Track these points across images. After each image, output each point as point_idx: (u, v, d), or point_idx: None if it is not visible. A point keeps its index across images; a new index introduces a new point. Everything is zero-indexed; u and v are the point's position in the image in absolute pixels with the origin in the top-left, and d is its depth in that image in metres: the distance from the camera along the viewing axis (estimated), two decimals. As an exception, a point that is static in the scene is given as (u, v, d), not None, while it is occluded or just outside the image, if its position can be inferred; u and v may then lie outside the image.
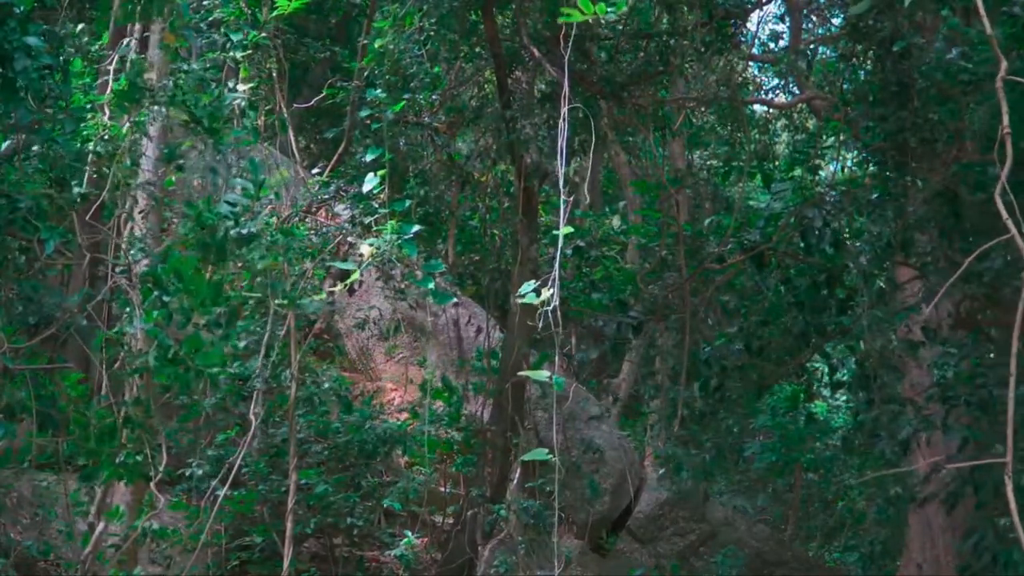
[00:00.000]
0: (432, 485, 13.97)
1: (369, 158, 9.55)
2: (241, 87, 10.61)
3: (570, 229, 4.83)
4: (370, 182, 8.18)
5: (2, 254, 7.69)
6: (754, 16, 27.75)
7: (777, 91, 18.57)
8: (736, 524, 15.72)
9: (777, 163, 17.70)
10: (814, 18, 14.83)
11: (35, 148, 7.95)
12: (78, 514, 10.04)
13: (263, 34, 11.27)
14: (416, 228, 8.14)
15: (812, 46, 14.76)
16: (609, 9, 4.80)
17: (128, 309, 8.35)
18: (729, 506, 16.34)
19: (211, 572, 11.65)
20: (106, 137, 8.73)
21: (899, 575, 13.52)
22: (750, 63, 18.53)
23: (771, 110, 19.29)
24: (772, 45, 17.97)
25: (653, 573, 14.57)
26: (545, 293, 4.57)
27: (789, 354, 10.73)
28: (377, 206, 9.43)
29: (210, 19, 10.75)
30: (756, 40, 18.20)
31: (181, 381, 7.39)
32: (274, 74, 12.76)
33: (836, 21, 14.46)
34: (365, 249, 7.77)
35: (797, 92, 16.12)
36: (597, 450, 14.43)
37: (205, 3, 11.06)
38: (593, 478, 14.14)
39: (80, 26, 9.22)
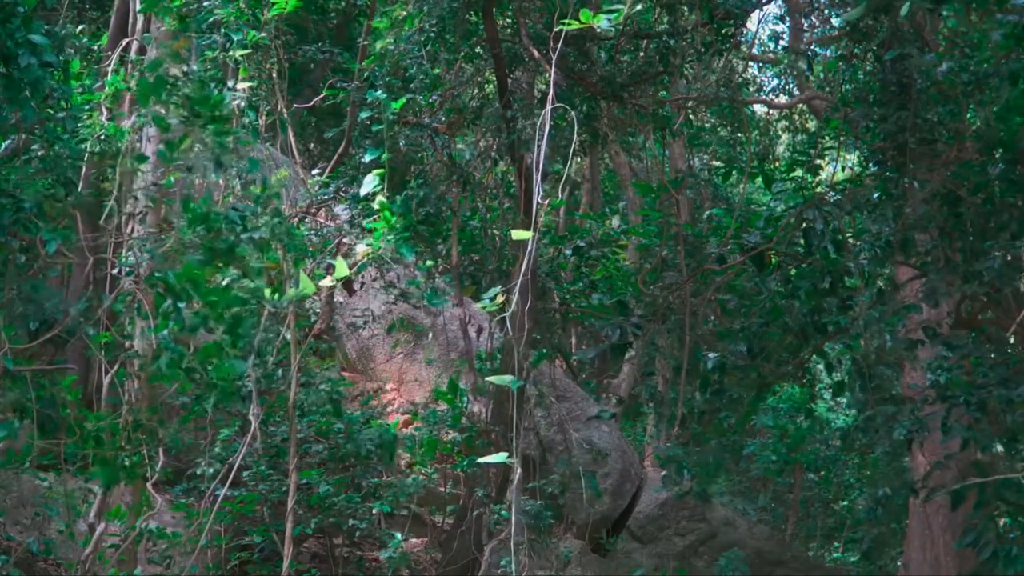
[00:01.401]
0: (432, 485, 13.97)
1: (368, 159, 9.55)
2: (241, 87, 10.61)
3: (528, 235, 4.73)
4: (368, 184, 8.17)
5: (4, 254, 7.69)
6: (754, 16, 27.76)
7: (777, 91, 18.59)
8: (736, 524, 15.72)
9: (777, 164, 17.72)
10: (814, 18, 14.85)
11: (37, 148, 7.96)
12: (78, 514, 10.04)
13: (263, 34, 11.26)
14: (411, 228, 8.12)
15: (812, 46, 14.78)
16: (606, 19, 4.81)
17: (136, 314, 8.33)
18: (729, 506, 16.34)
19: (211, 572, 11.65)
20: (103, 138, 8.73)
21: (899, 575, 13.53)
22: (750, 63, 18.55)
23: (771, 110, 19.31)
24: (772, 45, 17.99)
25: (654, 573, 14.56)
26: (500, 297, 4.55)
27: (789, 354, 10.73)
28: (376, 207, 9.42)
29: (210, 20, 10.73)
30: (756, 40, 18.22)
31: (187, 388, 7.38)
32: (274, 74, 12.75)
33: (836, 21, 14.46)
34: (360, 249, 7.76)
35: (797, 92, 16.14)
36: (599, 451, 14.42)
37: (205, 3, 11.06)
38: (594, 478, 14.14)
39: (80, 27, 9.23)
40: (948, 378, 9.02)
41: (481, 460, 5.20)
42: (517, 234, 4.75)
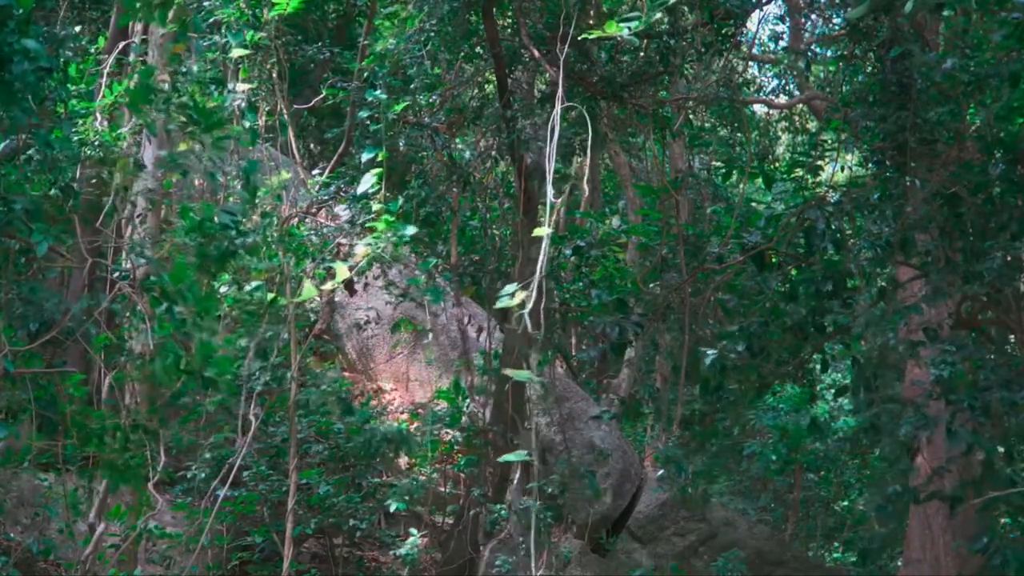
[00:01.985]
0: (432, 485, 13.96)
1: (365, 158, 9.55)
2: (241, 87, 10.61)
3: (544, 231, 4.82)
4: (366, 183, 8.18)
5: (2, 256, 7.69)
6: (754, 16, 27.74)
7: (777, 91, 18.57)
8: (736, 524, 15.72)
9: (777, 164, 17.70)
10: (814, 18, 14.83)
11: (33, 150, 7.95)
12: (78, 514, 10.05)
13: (263, 34, 11.26)
14: (411, 229, 8.12)
15: (812, 46, 14.76)
16: (627, 27, 4.84)
17: (132, 316, 8.34)
18: (729, 506, 16.32)
19: (211, 572, 11.65)
20: (98, 143, 8.73)
21: (899, 575, 13.52)
22: (750, 63, 18.53)
23: (771, 110, 19.29)
24: (772, 45, 17.97)
25: (654, 573, 14.55)
26: (519, 295, 4.55)
27: (789, 354, 10.72)
28: (374, 206, 9.43)
29: (211, 20, 10.73)
30: (756, 40, 18.21)
31: (189, 387, 7.38)
32: (274, 75, 12.75)
33: (836, 21, 14.45)
34: (359, 250, 7.77)
35: (797, 92, 16.13)
36: (599, 451, 14.42)
37: (206, 4, 11.06)
38: (594, 478, 14.15)
39: (78, 28, 9.22)
40: (952, 372, 8.99)
41: (500, 459, 5.22)
42: (537, 231, 4.89)
